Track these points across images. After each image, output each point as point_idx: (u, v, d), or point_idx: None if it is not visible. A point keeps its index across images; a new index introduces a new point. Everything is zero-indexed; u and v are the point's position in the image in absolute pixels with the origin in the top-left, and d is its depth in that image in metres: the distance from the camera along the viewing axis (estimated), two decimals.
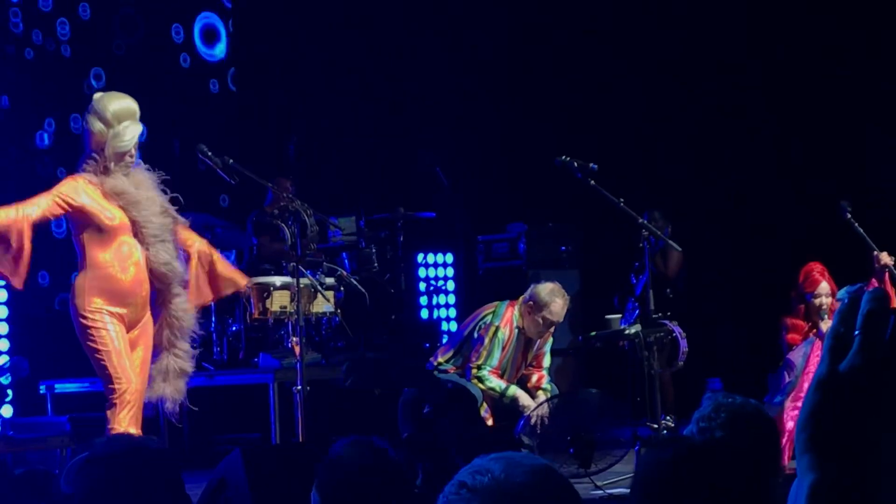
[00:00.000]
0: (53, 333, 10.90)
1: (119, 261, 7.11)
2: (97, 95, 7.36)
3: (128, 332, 7.15)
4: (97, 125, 7.15)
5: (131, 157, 7.25)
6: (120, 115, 7.19)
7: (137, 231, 7.18)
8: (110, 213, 7.10)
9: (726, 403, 3.71)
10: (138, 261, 7.16)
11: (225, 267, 7.67)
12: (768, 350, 9.60)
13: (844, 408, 1.28)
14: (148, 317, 7.25)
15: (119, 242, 7.13)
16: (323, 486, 3.49)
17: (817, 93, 12.74)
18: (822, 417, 1.29)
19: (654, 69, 13.28)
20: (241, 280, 7.69)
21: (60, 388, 10.06)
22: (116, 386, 7.02)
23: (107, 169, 7.15)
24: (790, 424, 8.35)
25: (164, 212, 7.31)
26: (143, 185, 7.29)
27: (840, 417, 1.28)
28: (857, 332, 1.29)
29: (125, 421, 7.01)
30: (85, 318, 7.08)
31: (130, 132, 7.22)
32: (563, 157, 9.25)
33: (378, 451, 3.88)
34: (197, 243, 7.59)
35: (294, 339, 8.02)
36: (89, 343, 7.09)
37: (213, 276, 7.58)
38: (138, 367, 7.13)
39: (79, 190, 7.08)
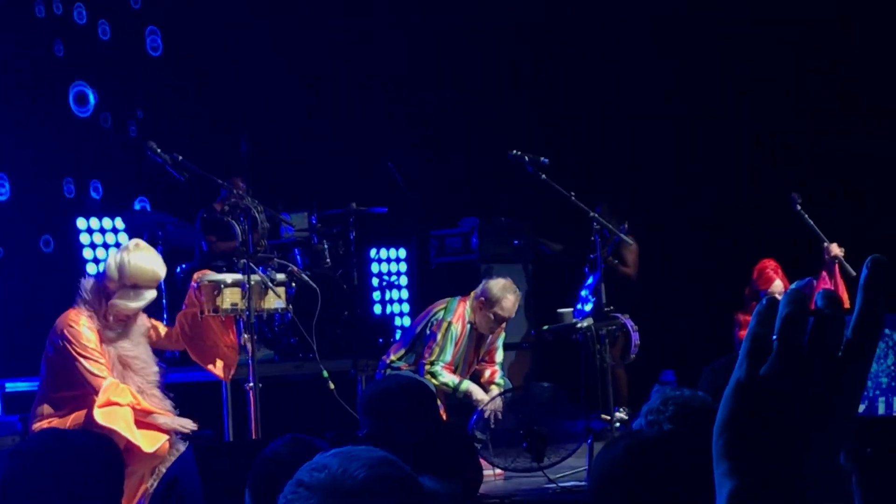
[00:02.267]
0: (4, 332, 10.84)
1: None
2: (133, 244, 7.40)
3: None
4: (113, 272, 7.16)
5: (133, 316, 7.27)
6: (138, 279, 7.21)
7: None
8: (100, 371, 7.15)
9: (674, 396, 3.72)
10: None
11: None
12: (722, 342, 9.65)
13: (763, 414, 1.23)
14: None
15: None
16: (256, 485, 3.47)
17: (771, 84, 12.80)
18: (740, 424, 1.24)
19: (605, 61, 13.30)
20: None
21: (11, 387, 9.99)
22: None
23: (106, 319, 7.18)
24: None
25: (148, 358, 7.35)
26: (135, 335, 7.33)
27: (758, 424, 1.24)
28: (774, 337, 1.24)
29: None
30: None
31: (139, 301, 7.24)
32: (515, 152, 9.28)
33: (317, 449, 3.86)
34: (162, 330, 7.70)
35: (245, 336, 8.00)
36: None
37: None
38: None
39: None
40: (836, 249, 9.37)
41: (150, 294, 7.33)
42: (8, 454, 3.64)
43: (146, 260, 7.29)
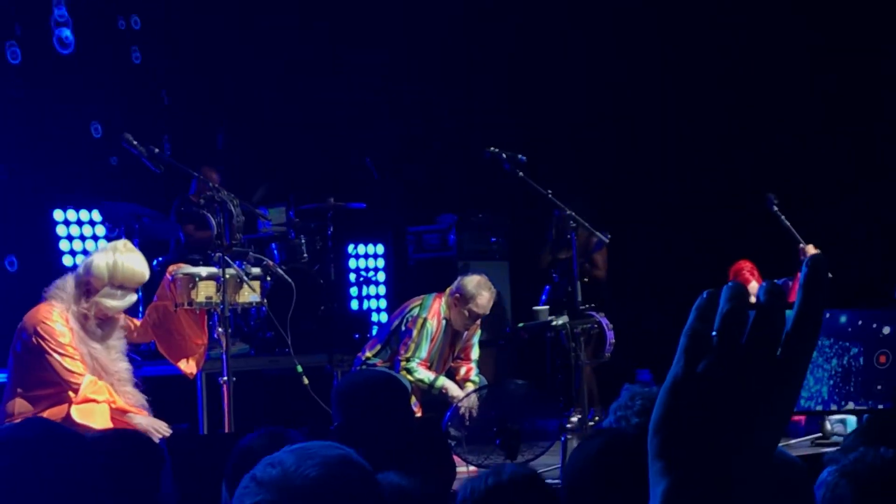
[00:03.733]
0: None
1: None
2: (122, 244, 7.40)
3: None
4: (101, 271, 7.11)
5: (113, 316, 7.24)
6: (126, 281, 7.20)
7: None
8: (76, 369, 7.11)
9: (641, 392, 3.74)
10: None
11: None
12: None
13: (698, 412, 1.22)
14: None
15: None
16: (232, 477, 3.45)
17: (749, 82, 12.84)
18: (676, 421, 1.23)
19: (584, 59, 13.32)
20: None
21: None
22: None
23: (85, 317, 7.14)
24: None
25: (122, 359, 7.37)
26: (110, 332, 7.31)
27: (694, 422, 1.22)
28: (714, 332, 1.23)
29: None
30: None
31: (123, 301, 7.23)
32: (492, 149, 9.28)
33: (292, 442, 3.85)
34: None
35: (220, 329, 7.99)
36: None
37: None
38: None
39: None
40: (811, 250, 9.38)
41: (133, 296, 7.33)
42: None
43: (136, 262, 7.29)
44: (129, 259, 7.24)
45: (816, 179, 12.28)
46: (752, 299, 4.46)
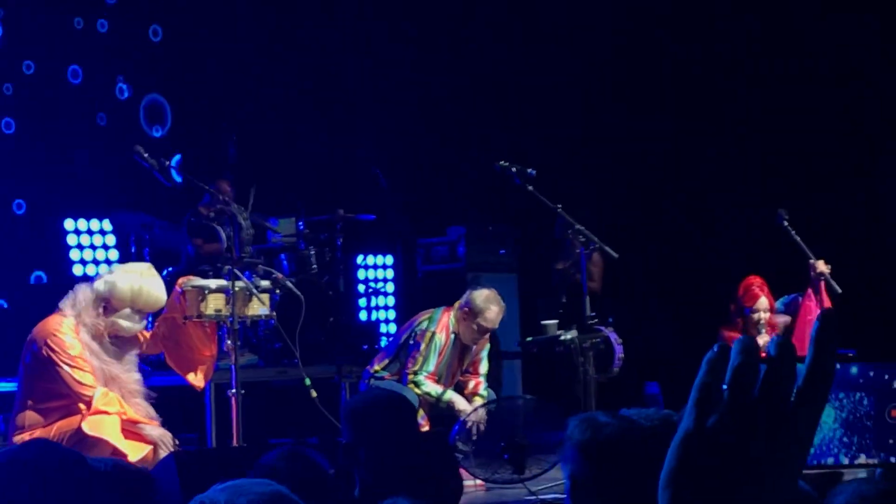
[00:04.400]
0: None
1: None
2: (146, 268, 7.39)
3: None
4: (125, 294, 7.13)
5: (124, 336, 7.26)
6: (146, 306, 7.25)
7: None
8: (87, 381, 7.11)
9: (637, 413, 3.73)
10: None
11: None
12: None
13: (710, 466, 1.22)
14: None
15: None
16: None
17: (759, 98, 12.83)
18: (687, 475, 1.23)
19: (593, 73, 13.32)
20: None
21: None
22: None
23: (100, 334, 7.14)
24: None
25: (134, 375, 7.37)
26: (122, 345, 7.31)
27: (706, 476, 1.22)
28: (725, 386, 1.23)
29: None
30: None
31: (137, 325, 7.26)
32: (502, 163, 9.28)
33: (314, 464, 3.86)
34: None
35: (229, 342, 8.00)
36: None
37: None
38: None
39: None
40: (822, 266, 9.37)
41: (145, 320, 7.35)
42: None
43: (159, 288, 7.31)
44: (154, 285, 7.26)
45: (827, 193, 12.27)
46: (764, 316, 4.44)
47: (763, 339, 9.12)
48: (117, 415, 7.10)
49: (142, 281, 7.20)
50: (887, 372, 7.15)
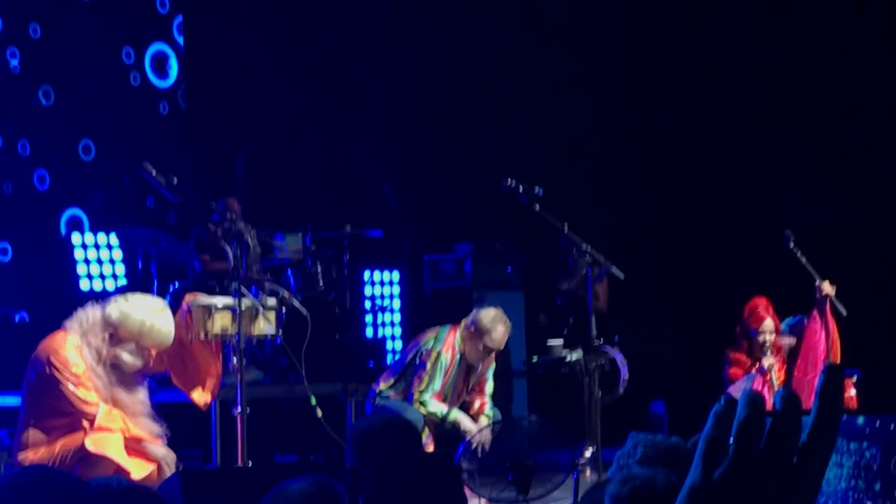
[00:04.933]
0: None
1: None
2: (161, 306, 7.31)
3: None
4: (134, 327, 7.08)
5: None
6: (152, 344, 7.17)
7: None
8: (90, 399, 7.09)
9: (644, 440, 3.73)
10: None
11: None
12: (714, 375, 9.64)
13: None
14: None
15: None
16: None
17: (767, 118, 12.84)
18: None
19: (600, 91, 13.34)
20: None
21: (1, 401, 9.96)
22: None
23: (101, 359, 7.11)
24: None
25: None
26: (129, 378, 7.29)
27: None
28: (731, 440, 1.25)
29: None
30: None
31: (138, 361, 7.19)
32: (509, 182, 9.27)
33: (336, 498, 3.86)
34: None
35: (235, 360, 8.00)
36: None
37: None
38: None
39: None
40: (827, 288, 9.35)
41: (150, 356, 7.28)
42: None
43: (168, 327, 7.21)
44: (164, 324, 7.17)
45: (833, 216, 12.27)
46: (769, 338, 4.45)
47: (768, 361, 9.12)
48: (121, 432, 7.08)
49: (154, 318, 7.12)
50: (893, 422, 7.16)
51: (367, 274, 12.80)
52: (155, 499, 3.87)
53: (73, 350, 7.03)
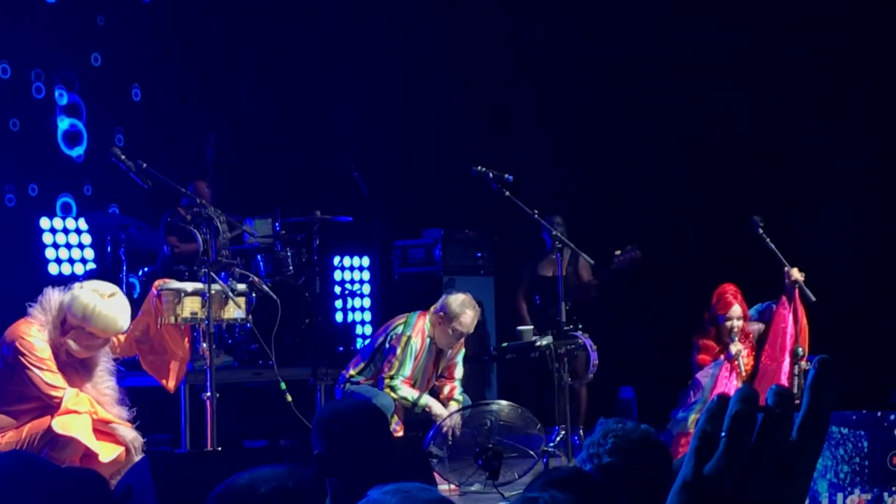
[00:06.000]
0: None
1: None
2: (109, 291, 7.20)
3: None
4: (78, 312, 7.02)
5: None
6: (98, 330, 7.08)
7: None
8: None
9: (615, 429, 3.74)
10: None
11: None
12: (682, 361, 9.68)
13: None
14: None
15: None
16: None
17: (735, 104, 12.88)
18: None
19: (571, 79, 13.36)
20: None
21: None
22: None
23: (57, 347, 7.08)
24: None
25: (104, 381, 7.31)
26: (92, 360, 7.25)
27: None
28: (723, 434, 1.26)
29: None
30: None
31: (89, 350, 7.16)
32: (479, 168, 9.28)
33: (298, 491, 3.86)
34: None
35: (204, 345, 7.99)
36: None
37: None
38: None
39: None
40: (796, 274, 9.38)
41: (101, 342, 7.21)
42: None
43: (114, 312, 7.10)
44: (111, 309, 7.08)
45: (802, 200, 12.33)
46: (737, 324, 4.53)
47: (736, 348, 9.16)
48: (88, 414, 7.08)
49: (100, 303, 7.05)
50: (886, 419, 7.21)
51: (336, 259, 12.80)
52: (98, 484, 3.86)
53: (38, 335, 7.01)
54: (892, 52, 12.30)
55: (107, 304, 7.08)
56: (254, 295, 8.57)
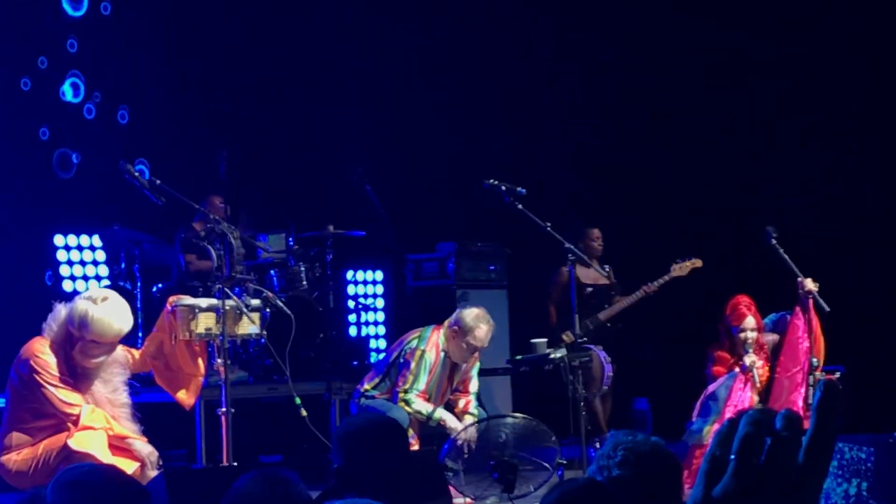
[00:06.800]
0: None
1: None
2: (101, 296, 7.17)
3: None
4: (75, 321, 7.03)
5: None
6: (97, 336, 7.05)
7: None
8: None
9: (625, 441, 3.74)
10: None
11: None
12: (697, 372, 9.67)
13: None
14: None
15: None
16: None
17: (750, 116, 12.89)
18: None
19: (584, 90, 13.37)
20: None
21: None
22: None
23: (70, 361, 7.10)
24: None
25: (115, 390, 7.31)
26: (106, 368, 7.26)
27: None
28: (732, 456, 1.28)
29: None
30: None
31: (97, 359, 7.15)
32: (492, 181, 9.28)
33: (285, 482, 3.87)
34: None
35: (219, 360, 8.00)
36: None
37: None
38: None
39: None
40: (809, 284, 9.35)
41: (104, 349, 7.19)
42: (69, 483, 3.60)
43: (110, 316, 7.05)
44: (103, 312, 7.04)
45: (815, 213, 12.32)
46: (751, 335, 4.57)
47: (750, 359, 9.13)
48: (104, 430, 7.09)
49: (91, 308, 7.03)
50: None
51: (350, 273, 12.82)
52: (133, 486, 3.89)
53: (52, 352, 7.03)
54: None
55: (99, 308, 7.05)
56: (268, 310, 8.58)
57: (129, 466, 7.11)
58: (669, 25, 13.08)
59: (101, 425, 7.10)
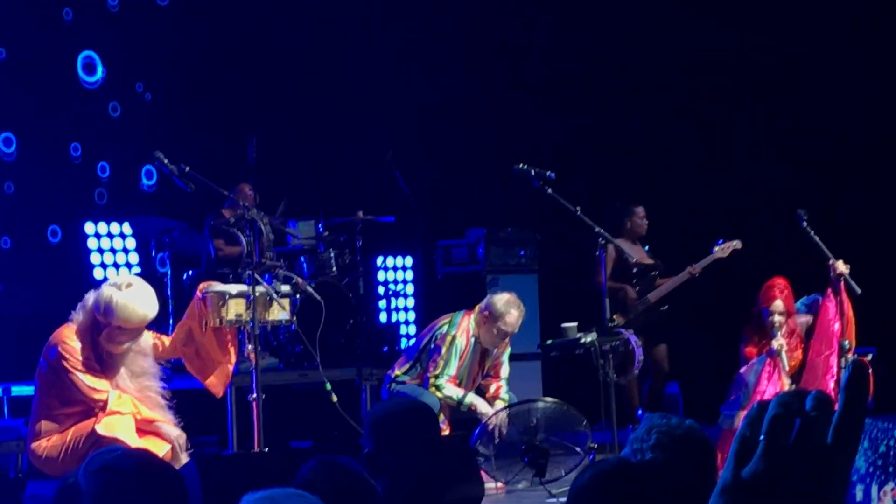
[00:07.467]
0: (9, 335, 10.85)
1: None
2: (125, 282, 7.19)
3: None
4: (101, 307, 7.04)
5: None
6: (123, 322, 7.07)
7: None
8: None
9: (658, 424, 3.71)
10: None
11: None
12: (729, 354, 9.63)
13: None
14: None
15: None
16: None
17: (781, 101, 12.83)
18: None
19: (610, 74, 13.33)
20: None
21: (17, 390, 10.00)
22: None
23: (97, 349, 7.12)
24: None
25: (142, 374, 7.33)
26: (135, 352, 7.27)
27: None
28: (761, 437, 1.29)
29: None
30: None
31: (123, 345, 7.16)
32: (521, 166, 9.26)
33: (349, 471, 3.88)
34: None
35: (249, 346, 8.01)
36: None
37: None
38: None
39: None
40: (841, 267, 9.31)
41: (131, 334, 7.20)
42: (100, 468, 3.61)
43: (135, 301, 7.07)
44: (127, 298, 7.05)
45: (848, 195, 12.25)
46: (778, 319, 4.54)
47: (778, 343, 9.07)
48: (131, 415, 7.11)
49: (116, 294, 7.05)
50: None
51: (380, 259, 12.82)
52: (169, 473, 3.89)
53: (78, 339, 7.06)
54: None
55: (123, 294, 7.07)
56: (298, 296, 8.59)
57: (159, 450, 7.13)
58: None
59: (129, 410, 7.12)
